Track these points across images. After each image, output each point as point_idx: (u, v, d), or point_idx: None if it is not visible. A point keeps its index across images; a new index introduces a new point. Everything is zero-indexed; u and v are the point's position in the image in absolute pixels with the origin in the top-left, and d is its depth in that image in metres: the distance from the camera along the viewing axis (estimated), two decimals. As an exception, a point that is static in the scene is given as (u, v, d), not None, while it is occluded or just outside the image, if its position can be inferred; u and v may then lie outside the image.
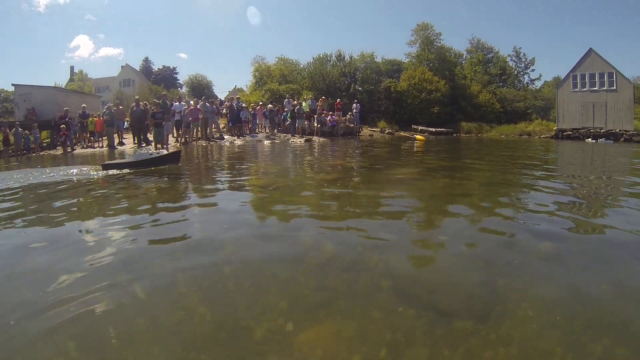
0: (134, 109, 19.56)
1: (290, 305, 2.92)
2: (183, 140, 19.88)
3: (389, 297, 3.13)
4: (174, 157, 11.70)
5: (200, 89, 47.05)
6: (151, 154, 11.50)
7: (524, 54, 58.65)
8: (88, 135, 21.03)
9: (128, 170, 10.34)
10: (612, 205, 6.79)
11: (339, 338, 2.56)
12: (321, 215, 5.48)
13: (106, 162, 11.47)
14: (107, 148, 19.19)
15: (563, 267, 3.69)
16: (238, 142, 20.88)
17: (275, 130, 24.53)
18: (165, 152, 12.52)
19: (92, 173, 10.25)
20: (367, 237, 4.38)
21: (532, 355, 2.38)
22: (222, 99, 39.16)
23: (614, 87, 39.33)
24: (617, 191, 8.29)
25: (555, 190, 7.81)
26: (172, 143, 19.06)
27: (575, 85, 41.17)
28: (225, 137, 22.00)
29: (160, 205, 6.21)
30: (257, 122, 25.41)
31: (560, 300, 3.05)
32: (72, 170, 10.80)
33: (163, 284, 3.17)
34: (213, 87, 56.38)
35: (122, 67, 67.04)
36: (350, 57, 41.64)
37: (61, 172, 10.57)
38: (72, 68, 62.08)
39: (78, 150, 18.66)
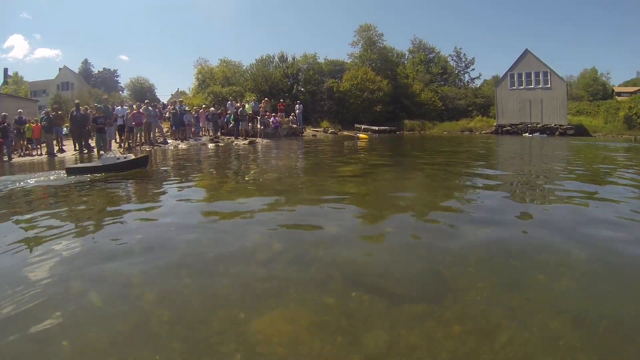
0: (74, 113, 18.81)
1: (243, 296, 3.09)
2: (126, 145, 19.73)
3: (342, 285, 3.30)
4: (142, 161, 11.58)
5: (143, 92, 46.50)
6: (118, 159, 11.29)
7: (464, 54, 61.61)
8: (25, 142, 19.66)
9: (92, 176, 10.09)
10: (545, 192, 7.75)
11: (294, 325, 2.67)
12: (269, 213, 5.72)
13: (71, 167, 11.21)
14: (46, 156, 18.07)
15: (503, 252, 4.11)
16: (182, 146, 21.12)
17: (219, 133, 24.99)
18: (133, 156, 12.23)
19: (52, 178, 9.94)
20: (314, 231, 4.78)
21: (484, 329, 2.63)
22: (165, 102, 39.06)
23: (549, 85, 42.20)
24: (551, 179, 9.50)
25: (494, 181, 8.86)
26: (115, 148, 18.67)
27: (512, 84, 43.91)
28: (169, 141, 22.16)
29: (113, 209, 6.37)
30: (201, 125, 25.67)
31: (500, 281, 3.43)
32: (31, 180, 10.04)
33: (118, 286, 3.23)
34: (155, 90, 55.66)
35: (60, 69, 64.62)
36: (293, 58, 42.79)
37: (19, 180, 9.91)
38: (5, 70, 59.76)
39: (16, 159, 17.34)
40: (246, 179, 9.69)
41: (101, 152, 16.80)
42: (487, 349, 2.39)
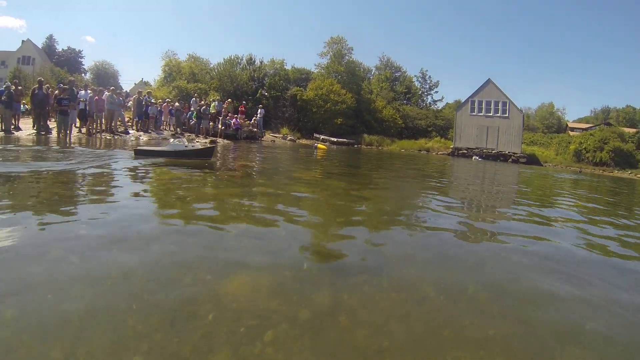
0: (36, 92, 18.50)
1: (210, 264, 3.61)
2: (86, 131, 19.66)
3: (296, 260, 3.96)
4: (209, 152, 12.01)
5: (106, 77, 46.11)
6: (186, 146, 11.76)
7: (429, 76, 63.65)
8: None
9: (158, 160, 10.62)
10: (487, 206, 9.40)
11: (256, 287, 3.23)
12: (235, 203, 6.68)
13: (139, 148, 11.73)
14: (1, 133, 17.43)
15: (435, 240, 5.38)
16: (144, 137, 21.23)
17: (179, 130, 25.33)
18: (199, 145, 12.73)
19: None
20: (273, 219, 5.54)
21: (415, 296, 3.38)
22: (127, 90, 38.98)
23: (507, 115, 44.59)
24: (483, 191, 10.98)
25: (438, 195, 10.18)
26: (75, 133, 18.87)
27: (473, 110, 46.06)
28: (130, 131, 22.23)
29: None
30: (163, 119, 25.82)
31: (432, 257, 4.52)
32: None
33: (97, 263, 3.44)
34: (119, 77, 55.24)
35: (23, 41, 62.42)
36: (261, 62, 43.45)
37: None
38: (-40, 34, 57.66)
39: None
40: (206, 176, 9.94)
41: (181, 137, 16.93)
42: (421, 310, 3.18)
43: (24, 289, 2.89)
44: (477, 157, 42.09)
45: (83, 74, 55.90)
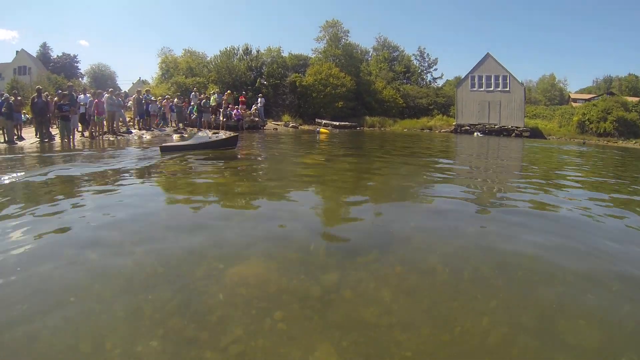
0: (35, 100, 18.32)
1: (221, 249, 3.82)
2: (89, 134, 19.63)
3: (303, 241, 4.13)
4: (232, 141, 12.55)
5: (103, 79, 46.04)
6: (210, 138, 12.33)
7: (427, 54, 62.90)
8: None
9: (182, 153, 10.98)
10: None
11: (266, 268, 3.37)
12: (243, 190, 7.04)
13: (165, 145, 12.03)
14: (5, 144, 16.97)
15: (439, 215, 5.52)
16: (147, 136, 21.15)
17: (181, 125, 25.29)
18: (223, 135, 13.23)
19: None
20: (279, 201, 5.88)
21: (421, 272, 3.50)
22: (126, 91, 39.01)
23: (508, 89, 44.25)
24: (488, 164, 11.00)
25: (443, 171, 10.51)
26: (78, 137, 18.78)
27: (473, 85, 45.73)
28: (133, 131, 22.21)
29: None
30: (164, 116, 25.64)
31: (436, 234, 4.66)
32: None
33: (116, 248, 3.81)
34: (117, 78, 55.28)
35: (17, 52, 61.89)
36: (257, 51, 43.00)
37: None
38: (-43, 50, 57.79)
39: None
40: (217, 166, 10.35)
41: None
42: (428, 284, 3.33)
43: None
44: (479, 133, 41.94)
45: (80, 79, 55.84)
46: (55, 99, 18.99)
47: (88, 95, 20.52)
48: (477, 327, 2.70)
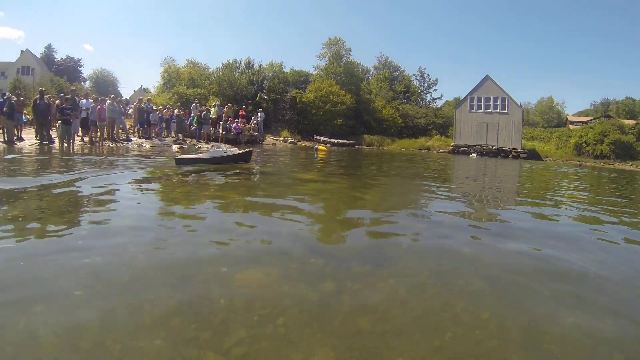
0: (38, 102, 18.46)
1: (226, 259, 4.00)
2: (88, 140, 19.76)
3: (302, 253, 4.32)
4: (246, 156, 12.86)
5: (105, 85, 46.21)
6: (225, 152, 12.50)
7: (428, 74, 63.66)
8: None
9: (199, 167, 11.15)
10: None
11: (267, 278, 3.55)
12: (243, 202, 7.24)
13: (180, 157, 12.19)
14: (5, 143, 17.39)
15: (433, 232, 5.74)
16: (146, 145, 21.34)
17: (180, 135, 25.44)
18: (238, 150, 13.40)
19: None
20: (279, 217, 6.01)
21: (414, 284, 3.68)
22: (127, 98, 39.18)
23: (506, 110, 44.66)
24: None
25: (440, 190, 10.63)
26: (78, 142, 18.91)
27: (472, 107, 46.12)
28: (133, 138, 22.41)
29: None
30: (164, 126, 25.84)
31: (429, 249, 4.89)
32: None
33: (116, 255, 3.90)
34: (119, 85, 55.46)
35: (22, 52, 62.48)
36: (259, 66, 43.50)
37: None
38: (-39, 45, 57.84)
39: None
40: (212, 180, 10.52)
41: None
42: (416, 297, 3.47)
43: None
44: (476, 154, 42.26)
45: (82, 83, 55.96)
46: (57, 102, 19.06)
47: (90, 100, 20.59)
48: (468, 337, 2.81)
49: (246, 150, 13.98)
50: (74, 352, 2.36)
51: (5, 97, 19.00)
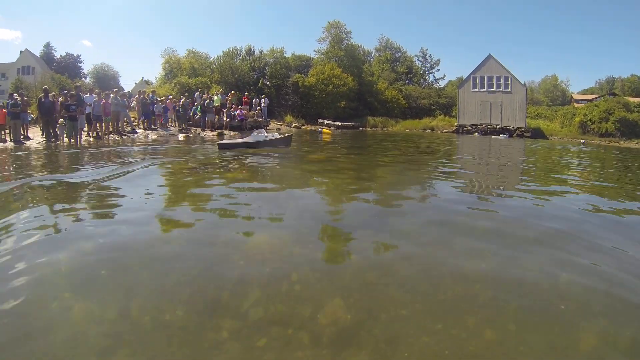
0: (43, 100, 18.71)
1: (243, 223, 4.56)
2: (95, 134, 19.88)
3: (311, 220, 4.80)
4: (287, 140, 13.68)
5: (106, 80, 46.30)
6: (266, 136, 13.33)
7: (430, 55, 63.24)
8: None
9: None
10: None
11: (280, 240, 3.92)
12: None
13: (222, 142, 13.21)
14: (12, 143, 17.57)
15: (435, 199, 6.28)
16: (152, 135, 21.51)
17: (184, 125, 25.52)
18: (278, 135, 14.28)
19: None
20: (290, 189, 6.59)
21: (416, 243, 4.04)
22: (129, 91, 39.28)
23: (509, 89, 44.49)
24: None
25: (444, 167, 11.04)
26: (84, 137, 19.02)
27: (475, 86, 45.97)
28: (138, 130, 22.55)
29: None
30: (168, 115, 25.94)
31: (430, 219, 5.13)
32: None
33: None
34: (120, 78, 55.59)
35: (21, 52, 62.49)
36: (260, 52, 43.56)
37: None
38: (-38, 50, 58.06)
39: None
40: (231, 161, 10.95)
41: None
42: (419, 255, 3.78)
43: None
44: (477, 134, 42.29)
45: (83, 78, 55.99)
46: (61, 99, 19.25)
47: (93, 95, 20.71)
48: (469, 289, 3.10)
49: (286, 134, 14.79)
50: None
51: (12, 100, 18.83)
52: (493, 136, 40.59)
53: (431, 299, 2.95)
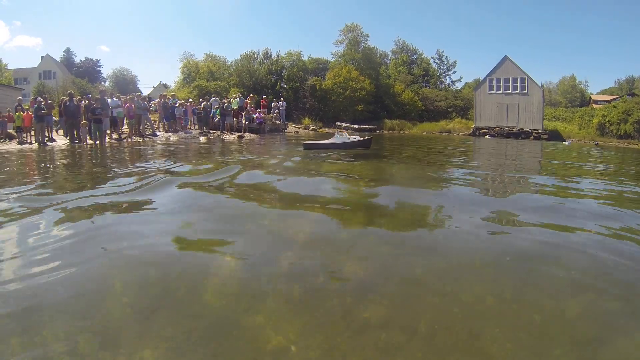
0: (67, 104, 19.35)
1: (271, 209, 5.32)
2: (117, 136, 20.53)
3: (323, 206, 5.40)
4: (368, 142, 14.66)
5: (125, 83, 47.09)
6: (348, 139, 14.30)
7: (446, 57, 63.49)
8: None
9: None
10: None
11: (305, 221, 4.70)
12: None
13: (307, 142, 14.46)
14: (36, 144, 18.55)
15: (449, 191, 6.56)
16: (173, 138, 22.07)
17: (204, 128, 26.03)
18: (359, 137, 15.14)
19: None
20: (312, 182, 7.40)
21: (425, 225, 4.67)
22: (147, 94, 39.95)
23: (526, 91, 44.21)
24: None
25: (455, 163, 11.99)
26: (108, 140, 19.54)
27: (491, 88, 45.81)
28: (159, 133, 23.18)
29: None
30: (188, 118, 26.46)
31: (436, 200, 5.74)
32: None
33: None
34: (138, 82, 56.42)
35: (42, 57, 63.91)
36: (277, 55, 44.25)
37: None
38: (-14, 57, 59.37)
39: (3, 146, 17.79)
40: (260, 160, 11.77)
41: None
42: (427, 232, 4.40)
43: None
44: (489, 137, 42.19)
45: (103, 82, 57.17)
46: (85, 102, 19.85)
47: (115, 99, 21.35)
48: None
49: (367, 137, 15.63)
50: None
51: (38, 104, 19.63)
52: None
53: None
